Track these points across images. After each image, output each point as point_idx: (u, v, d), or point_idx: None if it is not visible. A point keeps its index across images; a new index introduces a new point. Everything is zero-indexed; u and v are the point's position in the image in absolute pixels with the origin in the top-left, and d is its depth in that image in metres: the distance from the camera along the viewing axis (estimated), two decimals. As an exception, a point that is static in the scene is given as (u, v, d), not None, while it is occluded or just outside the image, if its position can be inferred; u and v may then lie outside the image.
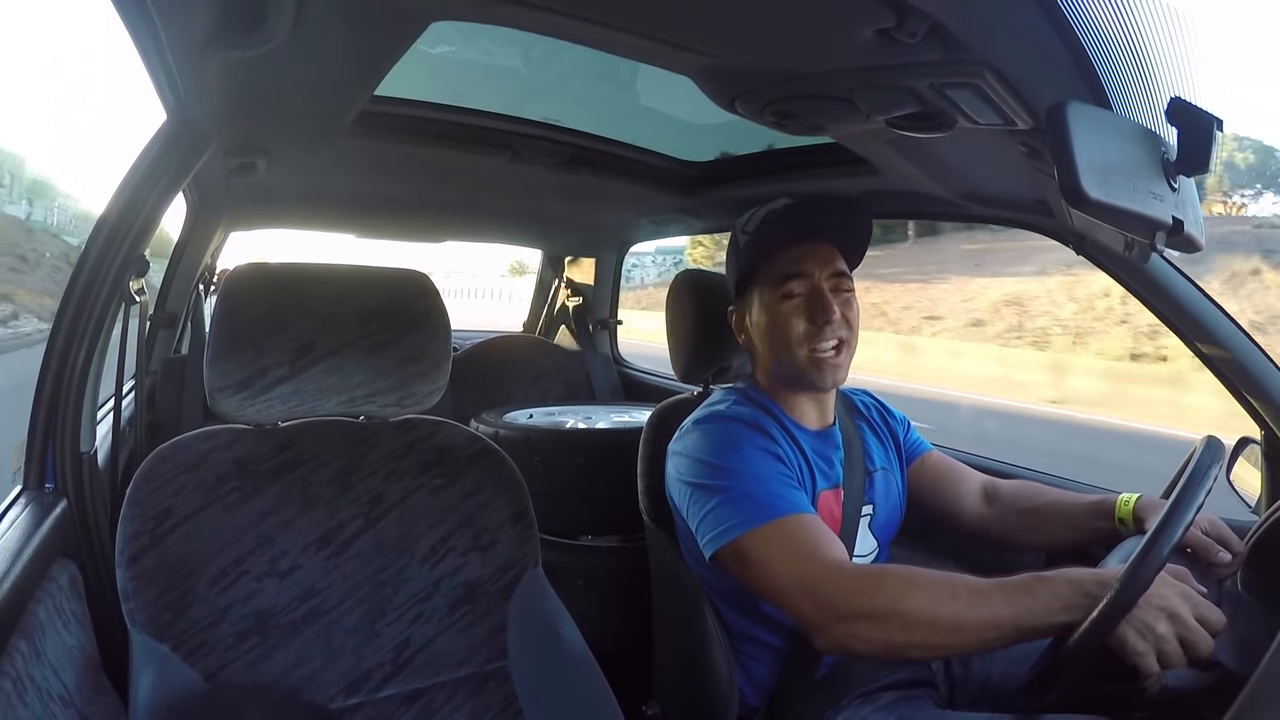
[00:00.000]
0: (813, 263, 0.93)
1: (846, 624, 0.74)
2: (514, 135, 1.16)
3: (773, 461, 0.87)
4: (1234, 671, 0.64)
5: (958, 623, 0.70)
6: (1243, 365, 0.93)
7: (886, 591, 0.73)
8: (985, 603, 0.70)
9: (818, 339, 0.91)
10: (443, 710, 0.78)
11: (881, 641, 0.73)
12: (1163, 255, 0.90)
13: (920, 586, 0.72)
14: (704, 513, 0.86)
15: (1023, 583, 0.70)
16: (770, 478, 0.85)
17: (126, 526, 0.70)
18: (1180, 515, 0.64)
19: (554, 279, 2.36)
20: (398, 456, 0.83)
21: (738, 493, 0.84)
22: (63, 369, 0.82)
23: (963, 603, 0.70)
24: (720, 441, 0.89)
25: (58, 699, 0.62)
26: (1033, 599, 0.69)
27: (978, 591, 0.71)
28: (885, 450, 1.05)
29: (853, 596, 0.74)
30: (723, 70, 0.68)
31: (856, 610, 0.73)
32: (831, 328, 0.91)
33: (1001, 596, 0.70)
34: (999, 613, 0.69)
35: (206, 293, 1.92)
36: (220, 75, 0.72)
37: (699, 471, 0.88)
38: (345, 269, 0.80)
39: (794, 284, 0.92)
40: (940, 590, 0.71)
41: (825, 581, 0.76)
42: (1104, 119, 0.52)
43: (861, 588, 0.74)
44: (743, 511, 0.82)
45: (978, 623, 0.69)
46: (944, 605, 0.70)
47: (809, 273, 0.93)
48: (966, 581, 0.72)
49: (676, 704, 1.04)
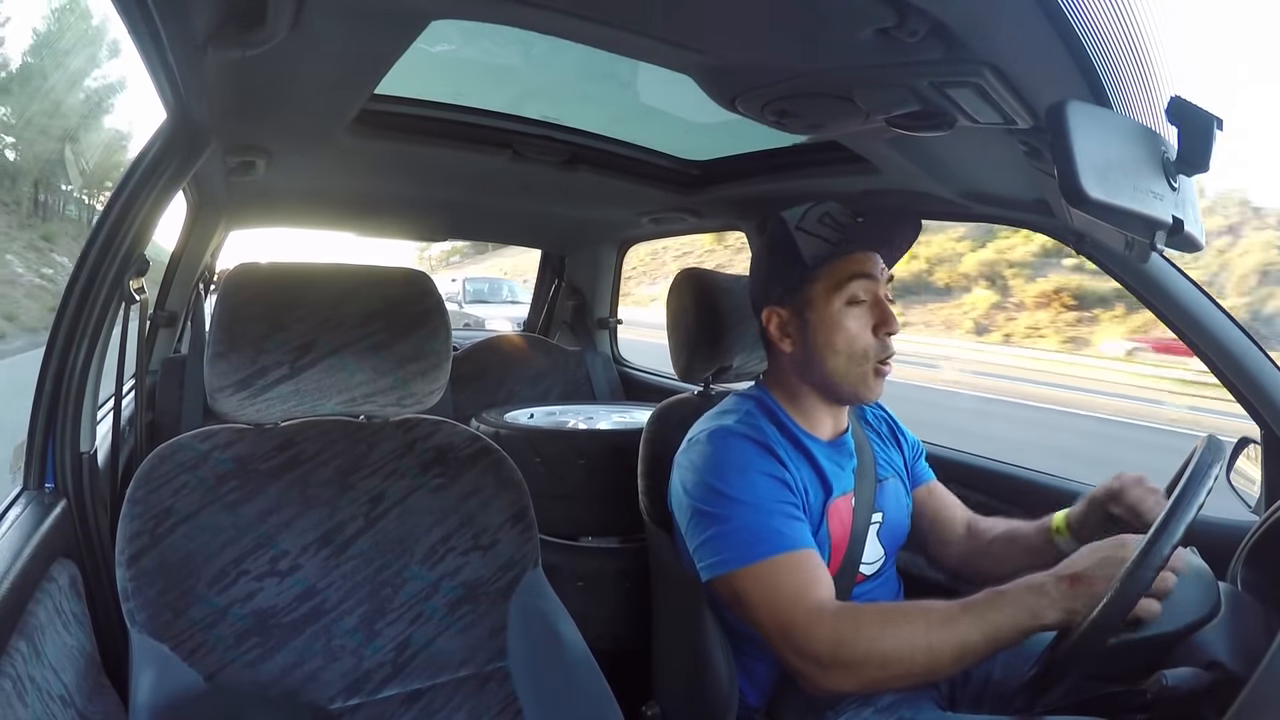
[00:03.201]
0: (874, 265, 0.91)
1: (827, 671, 0.77)
2: (514, 134, 1.16)
3: (778, 488, 0.87)
4: (1234, 671, 0.64)
5: (933, 654, 0.74)
6: (1243, 365, 0.93)
7: (862, 635, 0.76)
8: (954, 629, 0.73)
9: (883, 351, 0.90)
10: (443, 711, 0.78)
11: (862, 682, 0.78)
12: (1163, 255, 0.90)
13: (894, 625, 0.76)
14: (702, 539, 0.87)
15: (986, 600, 0.74)
16: (771, 510, 0.85)
17: (126, 526, 0.70)
18: (1182, 513, 0.64)
19: (554, 278, 2.36)
20: (398, 456, 0.83)
21: (736, 524, 0.84)
22: (63, 368, 0.82)
23: (935, 633, 0.74)
24: (727, 463, 0.88)
25: (58, 699, 0.62)
26: (998, 614, 0.72)
27: (947, 619, 0.74)
28: (893, 460, 1.04)
29: (832, 645, 0.77)
30: (723, 69, 0.68)
31: (835, 659, 0.77)
32: (892, 340, 0.91)
33: (968, 619, 0.73)
34: (968, 635, 0.73)
35: (206, 292, 1.92)
36: (220, 75, 0.72)
37: (702, 494, 0.88)
38: (345, 269, 0.79)
39: (858, 283, 0.89)
40: (915, 625, 0.75)
41: (806, 629, 0.78)
42: (1104, 118, 0.52)
43: (840, 634, 0.77)
44: (737, 546, 0.83)
45: (951, 649, 0.73)
46: (918, 639, 0.74)
47: (873, 274, 0.90)
48: (937, 610, 0.76)
49: (676, 704, 1.04)
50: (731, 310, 1.12)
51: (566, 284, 2.29)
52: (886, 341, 0.90)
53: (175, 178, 0.87)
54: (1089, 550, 0.73)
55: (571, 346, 2.18)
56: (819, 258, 0.91)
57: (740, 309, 1.12)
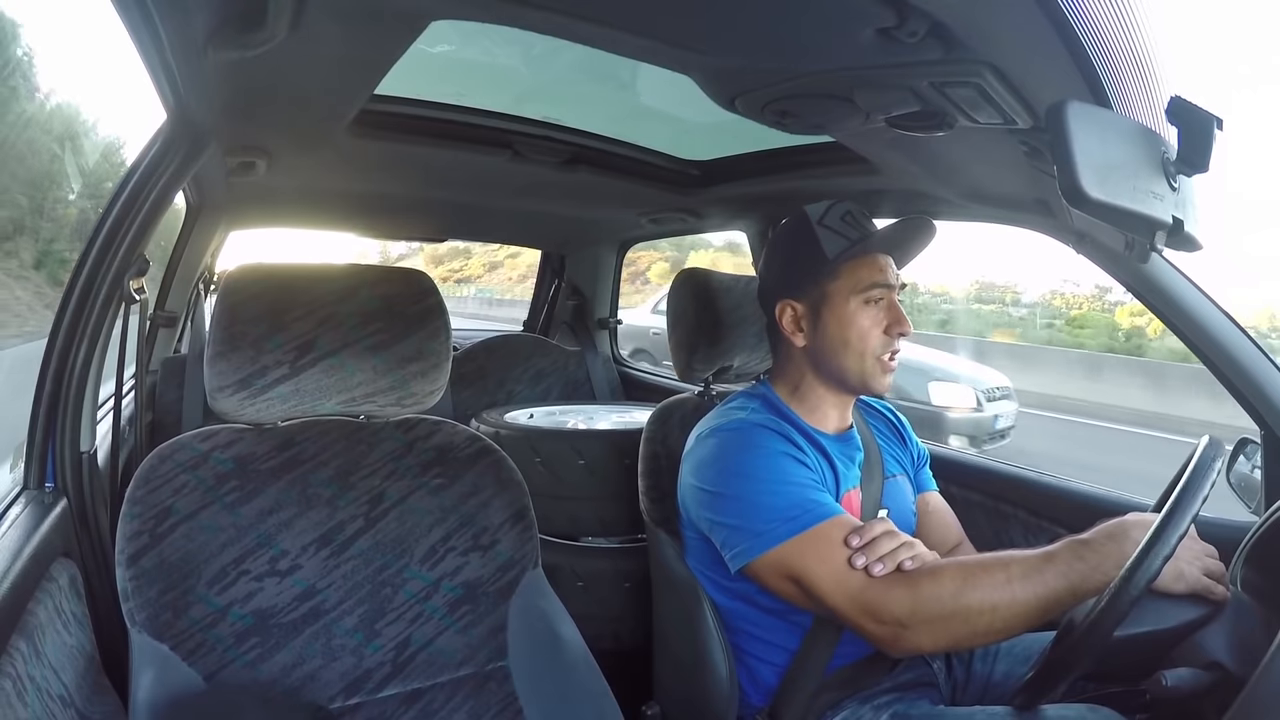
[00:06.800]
0: (892, 273, 0.93)
1: (911, 631, 0.74)
2: (514, 134, 1.16)
3: (799, 467, 0.86)
4: (1234, 672, 0.64)
5: (1017, 605, 0.71)
6: (1243, 365, 0.93)
7: (945, 591, 0.73)
8: (1040, 579, 0.71)
9: (890, 347, 0.92)
10: (443, 710, 0.78)
11: (949, 639, 0.75)
12: (1162, 255, 0.90)
13: (976, 578, 0.73)
14: (733, 525, 0.84)
15: (1070, 549, 0.72)
16: (804, 483, 0.84)
17: (126, 526, 0.70)
18: (1183, 512, 0.64)
19: (554, 278, 2.36)
20: (398, 456, 0.83)
21: (770, 499, 0.82)
22: (63, 368, 0.82)
23: (1017, 585, 0.71)
24: (748, 448, 0.87)
25: (58, 699, 0.62)
26: (1083, 563, 0.71)
27: (1031, 569, 0.72)
28: (901, 459, 1.04)
29: (913, 604, 0.74)
30: (723, 69, 0.68)
31: (918, 617, 0.74)
32: (902, 339, 0.92)
33: (1052, 569, 0.71)
34: (1054, 585, 0.71)
35: (206, 292, 1.92)
36: (220, 75, 0.72)
37: (725, 481, 0.86)
38: (345, 269, 0.80)
39: (877, 290, 0.91)
40: (995, 577, 0.72)
41: (882, 591, 0.76)
42: (1104, 118, 0.52)
43: (919, 591, 0.74)
44: (778, 521, 0.81)
45: (1036, 600, 0.71)
46: (1001, 592, 0.72)
47: (891, 282, 0.92)
48: (1018, 560, 0.73)
49: (676, 704, 1.04)
50: (731, 310, 1.11)
51: (566, 284, 2.29)
52: (895, 340, 0.92)
53: (175, 178, 0.87)
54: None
55: (571, 346, 2.19)
56: (841, 255, 0.92)
57: (740, 309, 1.12)
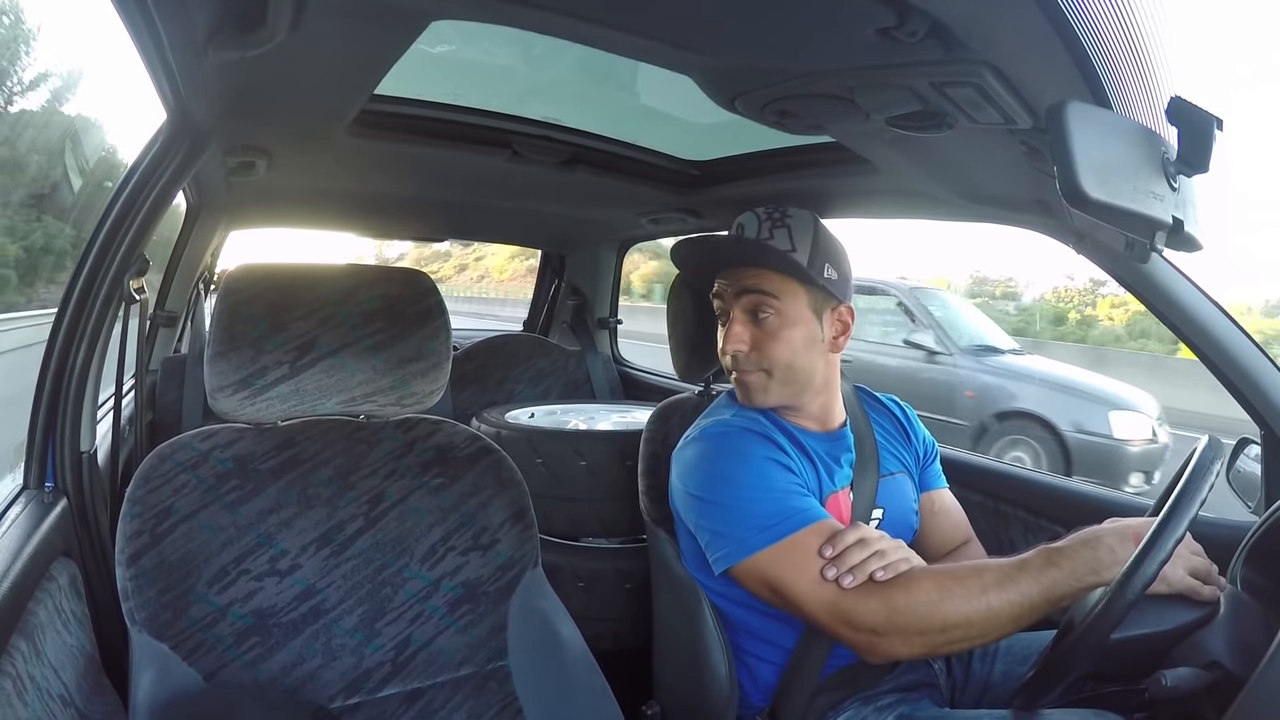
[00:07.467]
0: (726, 289, 0.94)
1: (885, 639, 0.75)
2: (514, 134, 1.16)
3: (783, 472, 0.86)
4: (1233, 671, 0.64)
5: (991, 613, 0.71)
6: (1243, 365, 0.93)
7: (918, 600, 0.74)
8: (1014, 586, 0.72)
9: (731, 365, 0.94)
10: (443, 710, 0.78)
11: (925, 647, 0.75)
12: (1162, 255, 0.90)
13: (949, 588, 0.74)
14: (715, 530, 0.85)
15: (1043, 557, 0.73)
16: (785, 489, 0.84)
17: (126, 525, 0.70)
18: (1183, 511, 0.64)
19: (554, 278, 2.36)
20: (398, 456, 0.83)
21: (751, 507, 0.83)
22: (63, 368, 0.82)
23: (992, 593, 0.72)
24: (730, 454, 0.87)
25: (58, 698, 0.62)
26: (1057, 570, 0.71)
27: (1004, 577, 0.72)
28: (902, 456, 1.03)
29: (887, 613, 0.74)
30: (723, 70, 0.68)
31: (892, 626, 0.74)
32: (737, 354, 0.92)
33: (1026, 577, 0.72)
34: (1028, 592, 0.71)
35: (206, 292, 1.92)
36: (220, 75, 0.72)
37: (708, 486, 0.86)
38: (345, 268, 0.80)
39: (717, 303, 0.96)
40: (969, 586, 0.73)
41: (856, 600, 0.76)
42: (1104, 118, 0.52)
43: (893, 601, 0.74)
44: (757, 529, 0.81)
45: (1011, 608, 0.71)
46: (975, 600, 0.72)
47: (722, 297, 0.95)
48: (991, 568, 0.74)
49: (676, 704, 1.04)
50: None
51: (566, 284, 2.29)
52: (726, 356, 0.95)
53: (175, 178, 0.87)
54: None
55: (571, 346, 2.19)
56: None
57: None
